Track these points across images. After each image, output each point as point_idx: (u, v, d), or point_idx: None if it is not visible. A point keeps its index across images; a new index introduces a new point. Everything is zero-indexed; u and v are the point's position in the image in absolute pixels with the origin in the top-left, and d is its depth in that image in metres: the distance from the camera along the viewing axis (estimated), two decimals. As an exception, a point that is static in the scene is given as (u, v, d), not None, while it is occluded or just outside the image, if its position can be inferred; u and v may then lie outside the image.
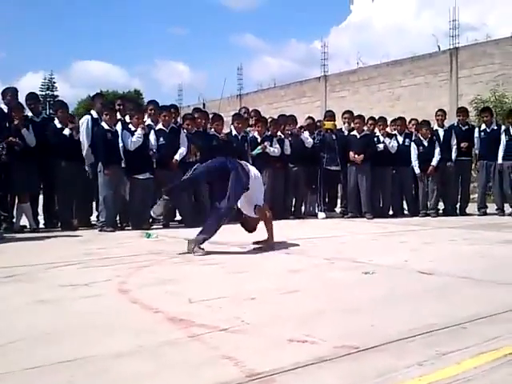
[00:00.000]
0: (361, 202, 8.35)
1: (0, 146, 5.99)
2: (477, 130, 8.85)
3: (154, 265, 3.94)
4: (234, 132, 8.03)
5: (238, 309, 2.50)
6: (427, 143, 8.50)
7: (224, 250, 4.61)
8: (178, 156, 7.02)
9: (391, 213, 8.75)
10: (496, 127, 8.70)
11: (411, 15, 46.02)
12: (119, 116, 7.17)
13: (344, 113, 9.07)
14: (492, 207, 8.65)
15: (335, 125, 8.86)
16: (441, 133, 8.71)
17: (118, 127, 6.77)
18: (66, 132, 6.74)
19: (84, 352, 1.88)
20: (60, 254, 4.44)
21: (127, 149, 6.65)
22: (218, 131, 7.75)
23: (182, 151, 7.07)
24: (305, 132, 8.70)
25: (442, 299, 2.71)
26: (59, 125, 6.79)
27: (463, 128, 8.86)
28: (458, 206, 8.84)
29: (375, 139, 8.47)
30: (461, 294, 2.85)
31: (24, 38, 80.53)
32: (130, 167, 6.71)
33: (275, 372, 1.67)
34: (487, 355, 1.82)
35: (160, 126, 7.13)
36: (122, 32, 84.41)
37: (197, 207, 7.28)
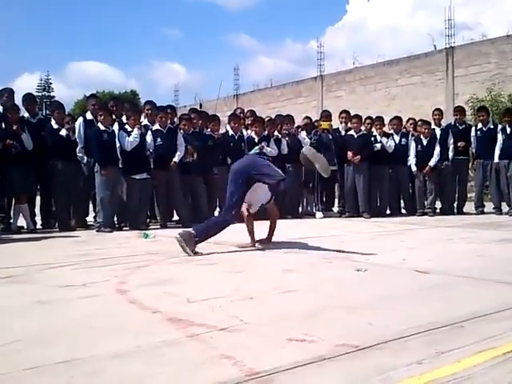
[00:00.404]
0: (358, 202, 8.37)
1: None
2: (473, 129, 8.88)
3: (152, 265, 3.93)
4: (231, 132, 8.04)
5: (237, 308, 2.49)
6: (426, 142, 8.52)
7: (222, 250, 4.60)
8: (177, 158, 7.04)
9: (389, 212, 8.78)
10: (492, 126, 8.75)
11: (406, 15, 46.22)
12: (113, 117, 7.16)
13: (341, 112, 9.09)
14: (489, 206, 8.68)
15: (331, 125, 8.87)
16: (438, 132, 8.75)
17: (115, 128, 6.77)
18: (63, 133, 6.73)
19: (82, 353, 1.87)
20: (57, 255, 4.43)
21: (124, 149, 6.66)
22: (214, 131, 7.77)
23: (180, 153, 7.09)
24: (302, 132, 8.71)
25: (441, 298, 2.71)
26: (56, 125, 6.78)
27: (460, 127, 8.90)
28: (455, 204, 8.87)
29: (372, 139, 8.49)
30: (459, 293, 2.86)
31: (20, 38, 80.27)
32: (127, 167, 6.71)
33: (274, 371, 1.67)
34: (486, 353, 1.82)
35: (157, 126, 7.13)
36: (118, 33, 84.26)
37: (194, 207, 7.29)
